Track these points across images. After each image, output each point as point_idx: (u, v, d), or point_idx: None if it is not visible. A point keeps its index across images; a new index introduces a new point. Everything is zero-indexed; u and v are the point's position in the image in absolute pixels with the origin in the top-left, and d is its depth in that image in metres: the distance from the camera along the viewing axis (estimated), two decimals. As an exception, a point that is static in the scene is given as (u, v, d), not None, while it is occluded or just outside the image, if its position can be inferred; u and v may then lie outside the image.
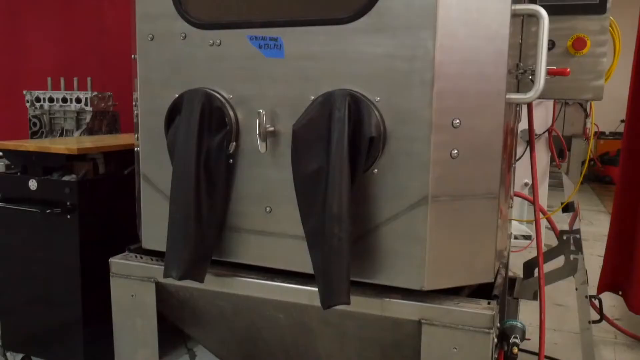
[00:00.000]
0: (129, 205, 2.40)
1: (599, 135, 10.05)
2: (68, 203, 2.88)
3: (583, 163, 5.60)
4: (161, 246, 2.08)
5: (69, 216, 2.89)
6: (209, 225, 2.00)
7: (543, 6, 2.21)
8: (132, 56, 2.16)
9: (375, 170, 1.81)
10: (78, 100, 4.00)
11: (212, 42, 1.98)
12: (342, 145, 1.74)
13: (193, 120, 1.95)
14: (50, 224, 2.93)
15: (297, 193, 1.86)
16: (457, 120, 1.76)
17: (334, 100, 1.79)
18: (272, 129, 1.93)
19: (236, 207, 2.05)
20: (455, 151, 1.77)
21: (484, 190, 1.83)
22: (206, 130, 1.98)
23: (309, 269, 1.86)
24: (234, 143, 1.98)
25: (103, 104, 4.07)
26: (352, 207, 1.76)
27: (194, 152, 1.95)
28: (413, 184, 1.78)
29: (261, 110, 1.88)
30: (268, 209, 2.00)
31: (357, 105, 1.78)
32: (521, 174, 4.97)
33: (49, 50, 4.75)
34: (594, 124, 5.64)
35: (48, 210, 2.87)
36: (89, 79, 4.07)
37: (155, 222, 2.19)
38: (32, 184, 2.98)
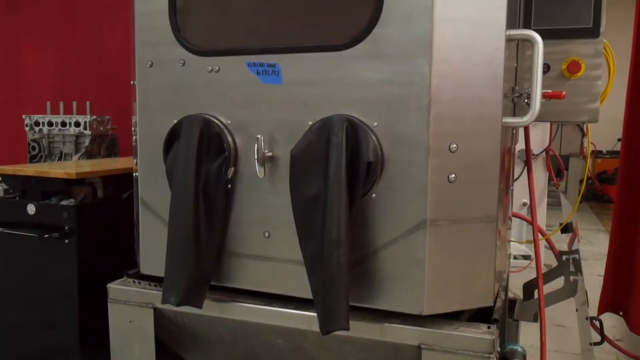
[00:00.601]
0: (127, 229, 2.39)
1: (596, 154, 10.09)
2: (66, 227, 2.88)
3: (581, 182, 5.62)
4: (160, 271, 2.08)
5: (67, 240, 2.88)
6: (207, 251, 2.00)
7: (537, 30, 2.24)
8: (132, 82, 2.18)
9: (374, 194, 1.82)
10: (77, 124, 4.02)
11: (210, 68, 2.00)
12: (340, 170, 1.75)
13: (192, 145, 1.96)
14: (48, 248, 2.92)
15: (295, 218, 1.86)
16: (454, 145, 1.77)
17: (331, 125, 1.80)
18: (270, 154, 1.94)
19: (235, 232, 2.05)
20: (453, 175, 1.78)
21: (482, 214, 1.83)
22: (205, 156, 1.99)
23: (308, 294, 1.85)
24: (233, 168, 1.99)
25: (102, 128, 4.08)
26: (350, 232, 1.76)
27: (193, 178, 1.96)
28: (411, 208, 1.78)
29: (259, 136, 1.89)
30: (266, 233, 2.00)
31: (354, 130, 1.79)
32: (519, 193, 4.98)
33: (48, 75, 4.79)
34: (591, 142, 5.67)
35: (46, 235, 2.86)
36: (87, 103, 4.10)
37: (153, 248, 2.18)
38: (31, 209, 2.98)
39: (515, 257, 5.67)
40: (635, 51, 3.59)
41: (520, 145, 2.92)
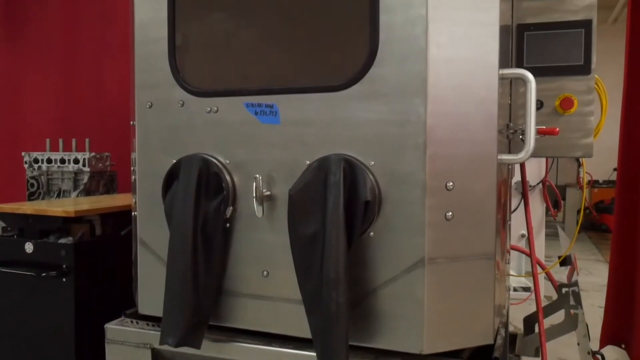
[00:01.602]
0: (125, 267, 2.39)
1: (593, 183, 10.13)
2: (64, 266, 2.86)
3: (578, 212, 5.63)
4: (158, 311, 2.07)
5: (64, 279, 2.86)
6: (205, 291, 1.99)
7: (530, 68, 2.29)
8: (131, 122, 2.20)
9: (372, 233, 1.83)
10: (76, 161, 4.03)
11: (209, 109, 2.03)
12: (338, 210, 1.76)
13: (190, 185, 1.98)
14: (45, 287, 2.90)
15: (294, 257, 1.87)
16: (451, 183, 1.79)
17: (329, 164, 1.82)
18: (268, 193, 1.95)
19: (233, 271, 2.05)
20: (450, 213, 1.79)
21: (480, 252, 1.84)
22: (203, 195, 2.00)
23: (307, 334, 1.84)
24: (231, 207, 2.00)
25: (101, 164, 4.10)
26: (349, 271, 1.77)
27: (191, 217, 1.97)
28: (409, 247, 1.79)
29: (258, 175, 1.91)
30: (265, 272, 2.00)
31: (352, 169, 1.81)
32: (517, 225, 4.98)
33: (48, 112, 4.83)
34: (587, 173, 5.70)
35: (43, 274, 2.85)
36: (87, 140, 4.12)
37: (151, 287, 2.18)
38: (28, 247, 2.98)
39: (515, 289, 5.63)
40: (627, 81, 3.64)
41: (516, 177, 2.94)
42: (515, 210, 4.56)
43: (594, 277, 6.96)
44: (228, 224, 2.02)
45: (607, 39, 8.70)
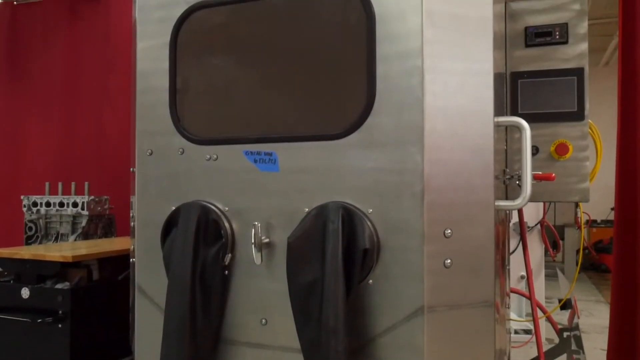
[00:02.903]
0: (122, 312, 2.37)
1: (591, 223, 10.12)
2: (60, 312, 2.84)
3: (578, 252, 5.61)
4: (155, 360, 2.04)
5: (60, 325, 2.83)
6: (203, 339, 1.97)
7: (524, 114, 2.34)
8: (131, 169, 2.22)
9: (370, 281, 1.83)
10: (75, 205, 4.04)
11: (209, 156, 2.06)
12: (337, 258, 1.76)
13: (189, 232, 1.98)
14: (41, 332, 2.87)
15: (292, 305, 1.86)
16: (449, 231, 1.80)
17: (327, 212, 1.83)
18: (267, 240, 1.96)
19: (231, 319, 2.03)
20: (449, 261, 1.79)
21: (479, 299, 1.83)
22: (202, 242, 2.00)
23: (306, 384, 1.82)
24: (230, 255, 2.00)
25: (99, 208, 4.11)
26: (348, 319, 1.75)
27: (190, 264, 1.97)
28: (408, 295, 1.78)
29: (257, 223, 1.91)
30: (263, 320, 1.98)
31: (350, 217, 1.82)
32: (516, 266, 4.95)
33: (48, 155, 4.86)
34: (585, 212, 5.71)
35: (39, 320, 2.82)
36: (86, 183, 4.14)
37: (149, 335, 2.15)
38: (25, 292, 2.96)
39: (516, 332, 5.56)
40: (620, 123, 3.69)
41: (514, 218, 2.95)
42: (514, 251, 4.55)
43: (595, 319, 6.88)
44: (226, 271, 2.02)
45: (600, 81, 8.87)
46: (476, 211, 1.83)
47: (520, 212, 2.69)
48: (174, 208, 2.07)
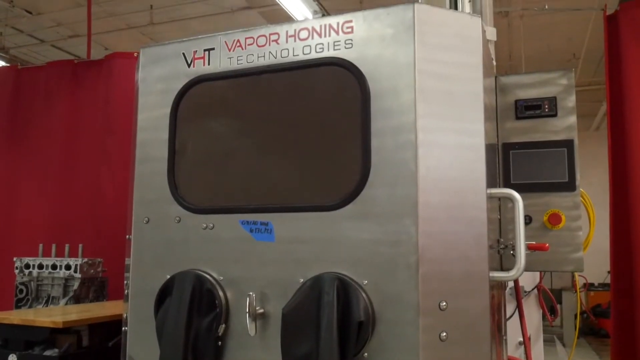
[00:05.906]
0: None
1: (588, 287, 10.03)
2: (48, 380, 2.76)
3: (576, 316, 5.54)
4: None
5: (46, 395, 2.75)
6: (194, 414, 1.92)
7: (516, 185, 2.38)
8: (127, 237, 2.23)
9: (366, 354, 1.80)
10: (67, 267, 4.01)
11: (205, 225, 2.07)
12: (332, 330, 1.75)
13: (183, 302, 1.97)
14: (26, 403, 2.78)
15: (286, 378, 1.83)
16: (444, 303, 1.79)
17: (322, 284, 1.83)
18: (261, 311, 1.94)
19: (224, 392, 1.98)
20: (444, 334, 1.78)
21: (475, 373, 1.81)
22: (196, 312, 1.98)
23: None
24: (223, 325, 1.98)
25: (92, 270, 4.07)
26: (343, 394, 1.72)
27: (183, 334, 1.94)
28: (404, 369, 1.76)
29: (252, 293, 1.91)
30: (257, 394, 1.94)
31: (345, 288, 1.82)
32: (514, 333, 4.87)
33: (43, 216, 4.85)
34: (582, 276, 5.67)
35: (25, 389, 2.75)
36: (80, 245, 4.12)
37: (138, 408, 2.10)
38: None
39: (516, 401, 5.40)
40: (612, 187, 3.75)
41: (510, 282, 2.93)
42: (510, 317, 4.49)
43: (596, 387, 6.71)
44: (220, 342, 1.99)
45: (591, 146, 9.05)
46: (471, 283, 1.84)
47: (516, 282, 2.69)
48: (168, 277, 2.06)
